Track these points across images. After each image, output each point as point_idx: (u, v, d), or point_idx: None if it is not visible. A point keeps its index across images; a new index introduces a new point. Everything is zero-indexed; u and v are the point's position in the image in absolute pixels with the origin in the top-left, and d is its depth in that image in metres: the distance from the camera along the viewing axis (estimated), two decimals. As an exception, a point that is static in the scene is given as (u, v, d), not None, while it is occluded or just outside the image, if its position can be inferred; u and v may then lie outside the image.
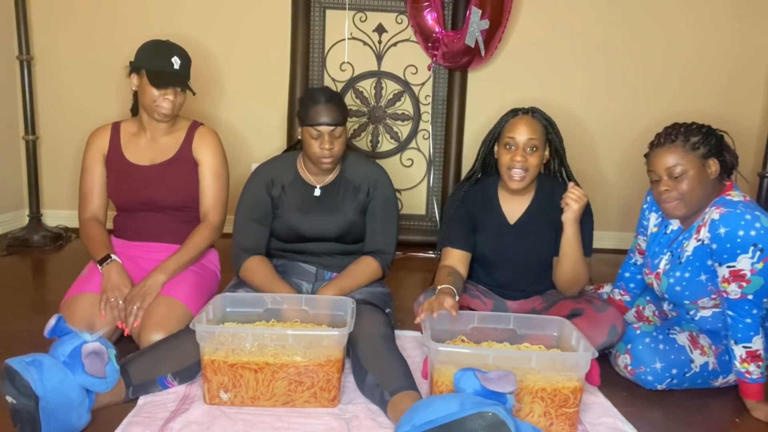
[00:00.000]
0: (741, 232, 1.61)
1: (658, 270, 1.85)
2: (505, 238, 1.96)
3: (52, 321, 1.46)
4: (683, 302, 1.81)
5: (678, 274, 1.78)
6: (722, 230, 1.64)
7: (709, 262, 1.71)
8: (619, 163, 3.40)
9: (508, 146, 1.87)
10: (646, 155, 1.81)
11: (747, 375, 1.65)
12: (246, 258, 1.93)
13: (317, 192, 1.97)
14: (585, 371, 1.50)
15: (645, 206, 2.00)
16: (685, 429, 1.62)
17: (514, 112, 1.92)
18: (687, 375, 1.75)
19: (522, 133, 1.85)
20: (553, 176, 2.00)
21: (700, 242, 1.72)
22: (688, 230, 1.79)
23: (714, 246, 1.66)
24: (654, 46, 3.30)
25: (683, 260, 1.77)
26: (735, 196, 1.71)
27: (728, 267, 1.64)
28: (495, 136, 1.95)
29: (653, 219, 1.96)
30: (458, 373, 1.36)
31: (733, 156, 1.77)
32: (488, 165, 2.04)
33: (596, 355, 1.50)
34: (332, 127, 1.85)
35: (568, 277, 1.87)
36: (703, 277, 1.74)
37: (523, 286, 2.00)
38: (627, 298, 2.14)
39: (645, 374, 1.74)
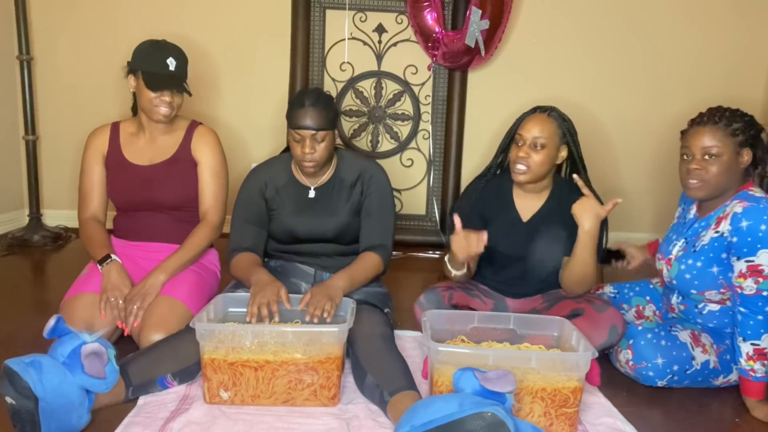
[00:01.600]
0: (763, 227, 1.62)
1: (671, 256, 1.86)
2: (516, 235, 1.96)
3: (51, 321, 1.46)
4: (690, 292, 1.80)
5: (690, 261, 1.78)
6: (744, 224, 1.64)
7: (724, 256, 1.72)
8: (619, 162, 3.40)
9: (517, 142, 1.90)
10: (683, 132, 1.80)
11: (751, 373, 1.65)
12: (235, 255, 1.93)
13: (311, 194, 1.96)
14: (585, 371, 1.50)
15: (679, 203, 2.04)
16: (685, 429, 1.62)
17: (533, 110, 1.93)
18: (688, 372, 1.75)
19: (530, 131, 1.87)
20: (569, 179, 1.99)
21: (718, 234, 1.72)
22: (705, 219, 1.80)
23: (734, 239, 1.67)
24: (658, 45, 3.30)
25: (698, 249, 1.77)
26: (757, 191, 1.73)
27: (746, 261, 1.65)
28: (512, 133, 1.97)
29: (678, 210, 1.99)
30: (457, 372, 1.36)
31: (765, 151, 1.76)
32: (505, 161, 2.04)
33: (596, 355, 1.50)
34: (313, 132, 1.82)
35: (575, 278, 1.86)
36: (714, 269, 1.74)
37: (529, 283, 2.00)
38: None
39: (646, 370, 1.74)
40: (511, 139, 1.96)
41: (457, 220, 1.80)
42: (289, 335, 1.56)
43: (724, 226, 1.70)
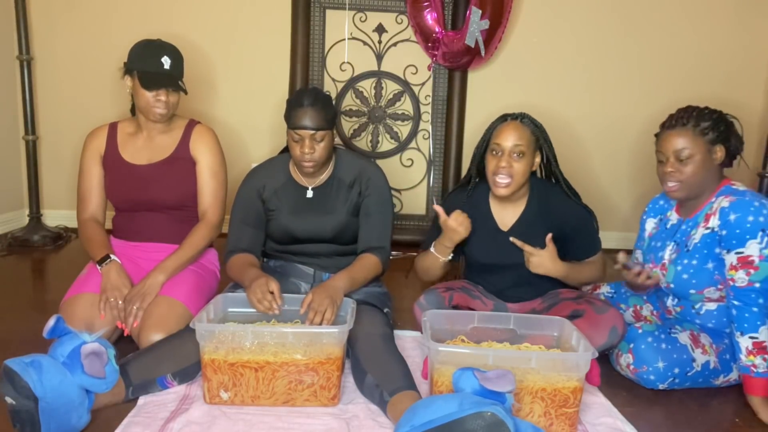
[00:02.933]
0: (750, 218, 1.66)
1: (664, 261, 1.87)
2: (499, 245, 1.95)
3: (51, 321, 1.46)
4: (689, 292, 1.81)
5: (686, 261, 1.80)
6: (732, 216, 1.68)
7: (717, 250, 1.74)
8: (622, 163, 3.40)
9: (494, 152, 1.87)
10: (656, 135, 1.84)
11: (753, 369, 1.64)
12: (232, 257, 1.93)
13: (309, 194, 1.96)
14: (585, 371, 1.50)
15: (644, 216, 2.05)
16: (685, 429, 1.62)
17: (503, 118, 1.91)
18: (689, 374, 1.75)
19: (508, 139, 1.84)
20: (548, 180, 2.00)
21: (709, 230, 1.75)
22: (692, 219, 1.83)
23: (723, 232, 1.70)
24: (656, 45, 3.30)
25: (690, 248, 1.79)
26: (740, 186, 1.77)
27: (737, 253, 1.67)
28: (485, 142, 1.94)
29: (651, 223, 2.02)
30: (457, 372, 1.36)
31: (739, 142, 1.80)
32: (481, 172, 2.00)
33: (596, 355, 1.50)
34: (312, 132, 1.82)
35: (585, 283, 1.99)
36: (710, 265, 1.76)
37: (521, 291, 2.00)
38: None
39: (647, 374, 1.74)
40: (485, 149, 1.93)
41: (439, 209, 1.88)
42: (289, 336, 1.56)
43: (713, 222, 1.74)
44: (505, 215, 1.96)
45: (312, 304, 1.67)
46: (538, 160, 1.92)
